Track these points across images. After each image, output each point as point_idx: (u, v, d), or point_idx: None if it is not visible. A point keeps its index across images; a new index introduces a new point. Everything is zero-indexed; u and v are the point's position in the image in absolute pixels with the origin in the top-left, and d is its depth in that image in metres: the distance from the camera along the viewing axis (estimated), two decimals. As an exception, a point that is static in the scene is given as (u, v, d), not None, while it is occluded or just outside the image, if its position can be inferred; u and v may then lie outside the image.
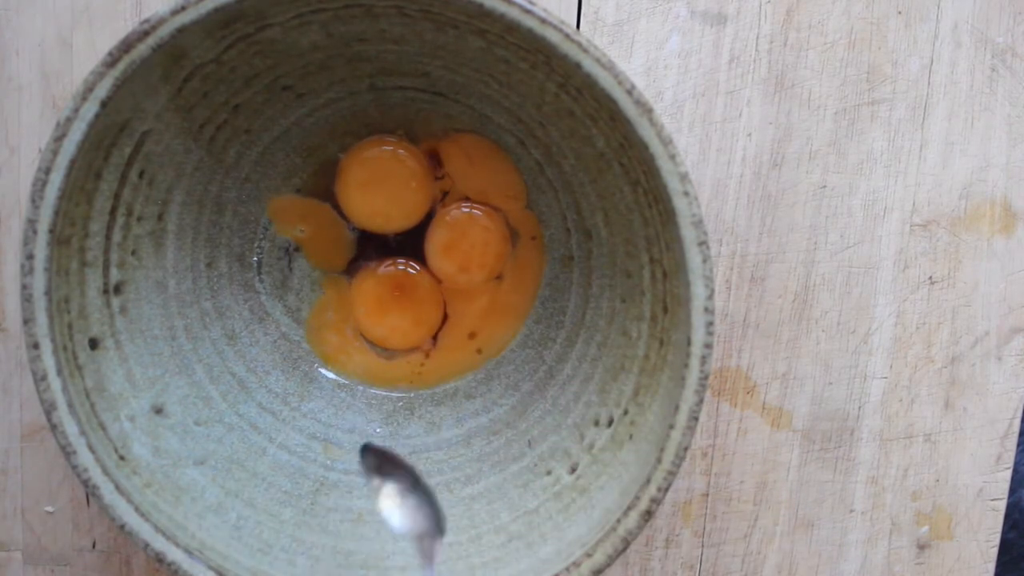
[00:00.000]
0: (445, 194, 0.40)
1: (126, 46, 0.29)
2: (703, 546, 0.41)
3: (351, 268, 0.41)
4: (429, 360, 0.41)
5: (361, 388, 0.41)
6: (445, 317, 0.41)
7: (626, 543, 0.30)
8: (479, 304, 0.40)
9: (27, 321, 0.30)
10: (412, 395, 0.41)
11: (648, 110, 0.29)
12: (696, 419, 0.30)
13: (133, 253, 0.35)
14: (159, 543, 0.31)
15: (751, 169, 0.40)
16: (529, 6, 0.29)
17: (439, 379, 0.41)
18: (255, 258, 0.40)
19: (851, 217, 0.40)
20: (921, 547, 0.41)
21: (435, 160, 0.39)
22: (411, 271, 0.40)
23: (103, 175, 0.32)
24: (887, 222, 0.40)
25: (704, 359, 0.30)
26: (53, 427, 0.31)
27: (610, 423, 0.35)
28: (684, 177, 0.29)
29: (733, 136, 0.40)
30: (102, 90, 0.29)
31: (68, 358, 0.31)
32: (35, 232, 0.30)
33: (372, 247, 0.40)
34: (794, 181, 0.40)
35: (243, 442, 0.37)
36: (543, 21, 0.29)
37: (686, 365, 0.30)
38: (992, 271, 0.40)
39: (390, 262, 0.40)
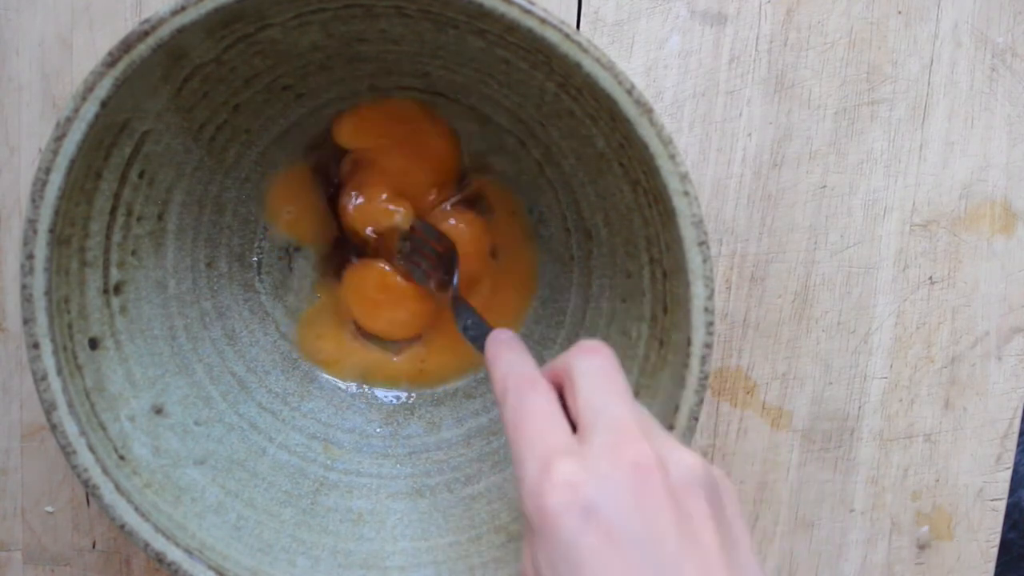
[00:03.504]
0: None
1: (126, 46, 0.29)
2: (703, 546, 0.41)
3: (339, 266, 0.41)
4: (431, 356, 0.41)
5: (361, 388, 0.41)
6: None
7: (626, 543, 0.30)
8: (479, 290, 0.40)
9: (27, 321, 0.30)
10: (413, 396, 0.41)
11: (648, 110, 0.29)
12: (696, 419, 0.30)
13: (133, 253, 0.35)
14: (159, 543, 0.31)
15: (751, 169, 0.40)
16: (529, 6, 0.29)
17: (441, 376, 0.41)
18: (255, 258, 0.40)
19: (851, 217, 0.40)
20: (921, 547, 0.41)
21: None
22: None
23: (103, 175, 0.32)
24: (887, 222, 0.40)
25: (704, 359, 0.30)
26: (53, 427, 0.31)
27: (610, 423, 0.35)
28: (684, 177, 0.29)
29: (733, 136, 0.40)
30: (102, 90, 0.29)
31: (68, 358, 0.31)
32: (35, 232, 0.30)
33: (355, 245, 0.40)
34: (794, 181, 0.40)
35: (243, 442, 0.37)
36: (543, 21, 0.29)
37: (686, 365, 0.30)
38: (992, 271, 0.40)
39: (379, 261, 0.40)
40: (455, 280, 0.37)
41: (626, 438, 0.23)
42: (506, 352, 0.30)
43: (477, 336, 0.34)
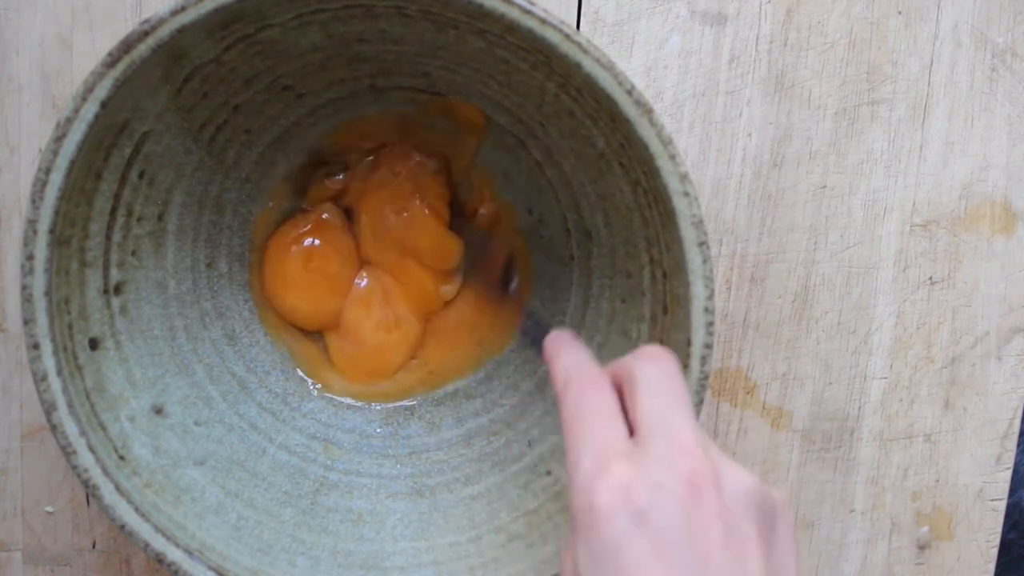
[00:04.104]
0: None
1: (126, 46, 0.29)
2: (703, 546, 0.41)
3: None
4: (433, 360, 0.41)
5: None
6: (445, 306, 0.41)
7: (626, 543, 0.30)
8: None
9: (27, 322, 0.30)
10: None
11: (648, 110, 0.29)
12: (696, 419, 0.30)
13: (133, 253, 0.35)
14: (159, 543, 0.31)
15: (751, 169, 0.40)
16: (529, 6, 0.29)
17: (446, 378, 0.41)
18: (255, 258, 0.40)
19: (851, 217, 0.40)
20: (921, 547, 0.41)
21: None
22: (326, 250, 0.39)
23: (103, 175, 0.32)
24: (887, 222, 0.40)
25: (704, 359, 0.30)
26: (53, 427, 0.31)
27: (610, 423, 0.35)
28: (684, 177, 0.29)
29: (733, 136, 0.40)
30: (102, 91, 0.29)
31: (68, 358, 0.31)
32: (35, 232, 0.30)
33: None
34: (794, 181, 0.40)
35: (243, 442, 0.37)
36: (543, 21, 0.29)
37: (686, 366, 0.30)
38: (992, 271, 0.40)
39: (305, 224, 0.39)
40: (514, 284, 0.38)
41: (684, 450, 0.23)
42: (568, 349, 0.29)
43: (537, 337, 0.33)
